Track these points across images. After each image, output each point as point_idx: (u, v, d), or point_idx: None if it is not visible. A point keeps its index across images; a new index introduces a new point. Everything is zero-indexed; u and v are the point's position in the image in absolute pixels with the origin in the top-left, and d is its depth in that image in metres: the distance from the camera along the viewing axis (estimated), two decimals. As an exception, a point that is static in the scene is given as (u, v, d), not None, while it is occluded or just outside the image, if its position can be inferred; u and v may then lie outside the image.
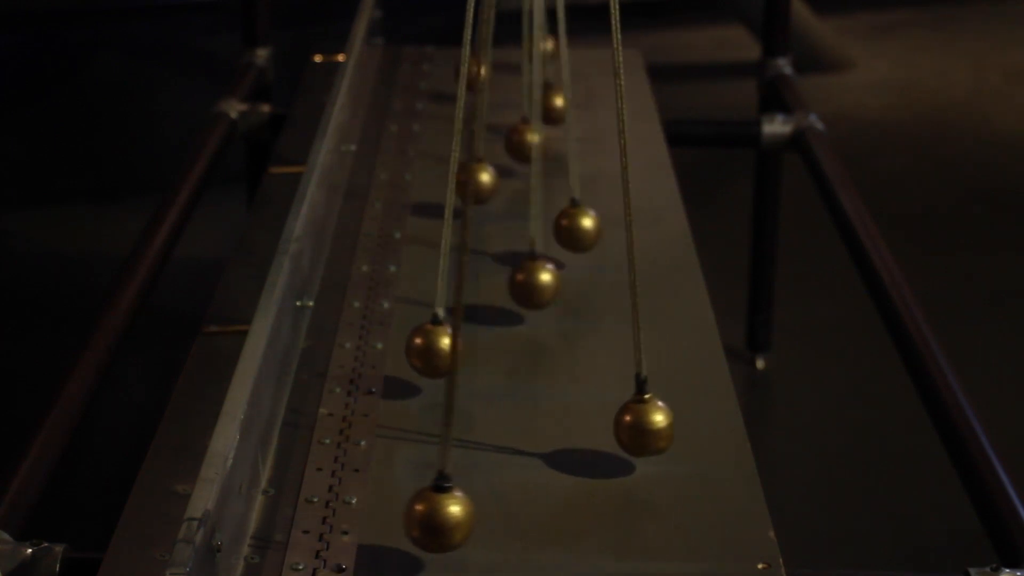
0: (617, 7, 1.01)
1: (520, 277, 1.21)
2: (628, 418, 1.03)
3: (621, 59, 1.01)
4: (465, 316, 1.23)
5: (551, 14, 1.35)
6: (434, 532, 0.90)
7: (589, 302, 1.28)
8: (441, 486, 0.90)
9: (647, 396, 1.04)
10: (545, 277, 1.21)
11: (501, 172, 1.45)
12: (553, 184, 1.39)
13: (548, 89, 1.54)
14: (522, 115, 1.47)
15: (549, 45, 1.66)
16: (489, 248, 1.35)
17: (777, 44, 2.10)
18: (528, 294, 1.22)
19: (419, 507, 0.90)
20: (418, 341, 1.11)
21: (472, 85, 1.49)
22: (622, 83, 1.01)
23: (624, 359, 1.06)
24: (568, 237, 1.30)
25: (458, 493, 0.90)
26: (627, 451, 1.04)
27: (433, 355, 1.11)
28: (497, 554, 0.95)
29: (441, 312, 1.11)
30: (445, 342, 1.10)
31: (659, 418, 1.03)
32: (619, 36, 1.02)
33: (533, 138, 1.41)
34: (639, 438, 1.03)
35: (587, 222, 1.29)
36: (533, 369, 1.20)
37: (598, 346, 1.22)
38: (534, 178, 1.24)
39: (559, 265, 1.29)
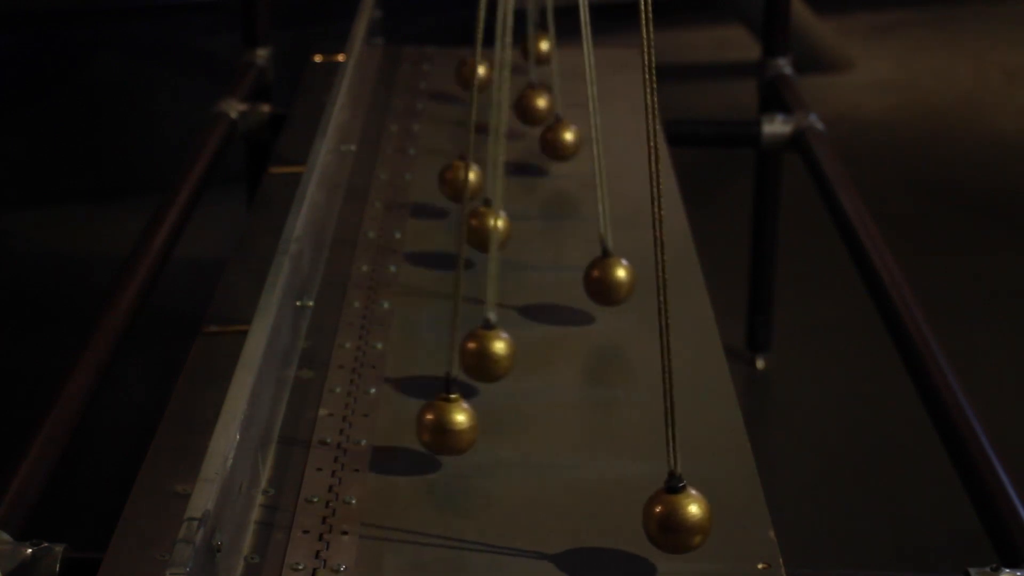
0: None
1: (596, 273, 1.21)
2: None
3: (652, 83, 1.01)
4: (464, 316, 1.23)
5: (543, 14, 1.35)
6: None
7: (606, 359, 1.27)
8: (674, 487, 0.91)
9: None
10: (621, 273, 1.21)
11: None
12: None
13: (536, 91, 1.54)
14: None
15: (544, 46, 1.67)
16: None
17: (777, 44, 2.10)
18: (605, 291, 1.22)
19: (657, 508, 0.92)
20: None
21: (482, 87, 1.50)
22: (653, 110, 1.01)
23: (634, 358, 1.06)
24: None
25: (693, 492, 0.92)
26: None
27: (487, 360, 1.10)
28: (492, 551, 0.95)
29: (492, 316, 1.10)
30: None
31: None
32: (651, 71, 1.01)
33: (568, 135, 1.42)
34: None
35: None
36: (544, 369, 1.19)
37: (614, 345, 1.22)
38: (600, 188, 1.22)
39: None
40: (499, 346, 1.11)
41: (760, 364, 2.21)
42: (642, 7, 0.92)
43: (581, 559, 0.95)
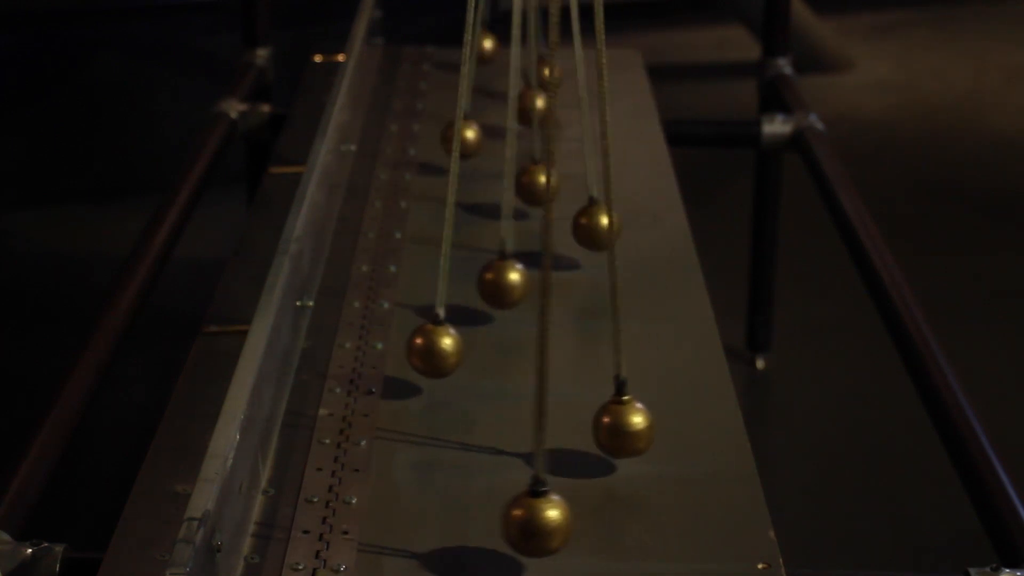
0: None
1: (489, 276, 1.22)
2: (607, 420, 1.03)
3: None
4: (466, 315, 1.23)
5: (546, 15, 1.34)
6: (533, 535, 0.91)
7: (594, 302, 1.28)
8: (537, 491, 0.91)
9: (625, 398, 1.03)
10: (513, 276, 1.21)
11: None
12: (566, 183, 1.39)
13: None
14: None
15: (488, 44, 1.66)
16: (491, 245, 1.35)
17: (777, 44, 2.10)
18: (497, 294, 1.22)
19: (517, 512, 0.91)
20: (419, 341, 1.11)
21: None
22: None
23: (632, 358, 1.06)
24: (586, 235, 1.30)
25: (555, 496, 0.91)
26: (606, 452, 1.04)
27: (434, 355, 1.11)
28: (494, 554, 0.95)
29: (442, 312, 1.11)
30: (446, 342, 1.10)
31: (638, 420, 1.03)
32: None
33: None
34: (618, 440, 1.03)
35: (606, 220, 1.28)
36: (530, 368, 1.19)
37: (598, 345, 1.22)
38: (507, 178, 1.22)
39: (573, 265, 1.29)
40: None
41: (760, 364, 2.21)
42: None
43: (581, 559, 0.95)
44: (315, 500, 1.00)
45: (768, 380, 2.21)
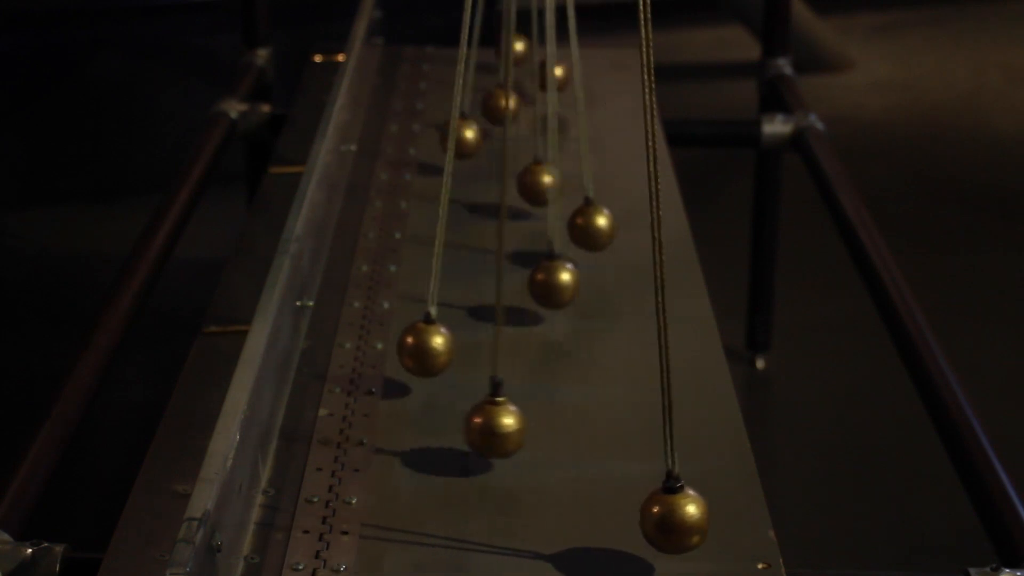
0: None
1: (540, 277, 1.21)
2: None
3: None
4: (467, 315, 1.23)
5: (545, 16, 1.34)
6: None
7: (602, 302, 1.28)
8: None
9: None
10: (565, 277, 1.21)
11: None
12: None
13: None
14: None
15: (520, 46, 1.66)
16: (491, 245, 1.35)
17: (777, 44, 2.10)
18: (548, 294, 1.21)
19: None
20: (410, 340, 1.11)
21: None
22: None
23: (634, 359, 1.06)
24: (583, 236, 1.30)
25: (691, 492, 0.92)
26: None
27: (425, 354, 1.11)
28: (494, 552, 0.95)
29: (433, 311, 1.10)
30: (437, 341, 1.10)
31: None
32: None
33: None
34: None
35: (602, 221, 1.29)
36: (544, 370, 1.19)
37: (612, 346, 1.22)
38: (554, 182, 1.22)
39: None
40: None
41: (760, 364, 2.21)
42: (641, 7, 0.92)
43: (580, 560, 0.95)
44: (315, 500, 1.00)
45: (768, 380, 2.21)
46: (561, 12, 1.31)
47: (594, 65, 1.75)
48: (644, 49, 0.89)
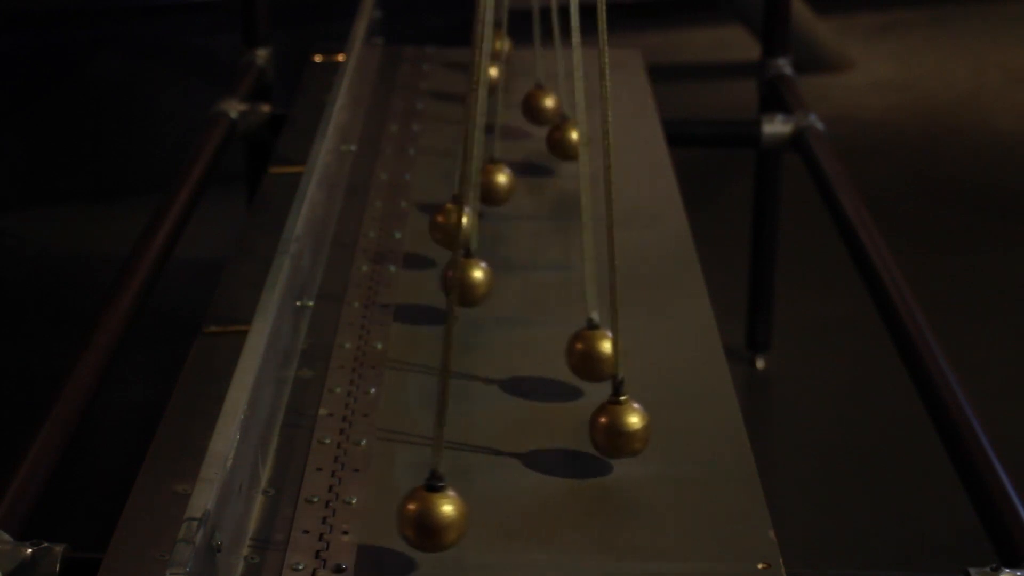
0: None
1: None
2: (604, 420, 1.03)
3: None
4: (463, 316, 1.23)
5: (544, 13, 1.35)
6: (428, 532, 0.90)
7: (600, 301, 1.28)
8: (434, 485, 0.90)
9: (623, 398, 1.03)
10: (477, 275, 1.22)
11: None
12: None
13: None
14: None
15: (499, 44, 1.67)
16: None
17: (777, 44, 2.10)
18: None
19: (411, 506, 0.90)
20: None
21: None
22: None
23: (633, 359, 1.06)
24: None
25: (451, 492, 0.91)
26: (603, 453, 1.04)
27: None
28: (494, 555, 0.95)
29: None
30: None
31: (634, 420, 1.02)
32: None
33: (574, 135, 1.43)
34: (614, 440, 1.03)
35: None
36: (532, 366, 1.20)
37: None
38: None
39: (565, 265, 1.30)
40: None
41: (760, 364, 2.21)
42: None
43: (581, 559, 0.95)
44: (315, 500, 1.00)
45: (768, 380, 2.21)
46: (559, 13, 1.31)
47: (594, 65, 1.75)
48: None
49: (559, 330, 1.14)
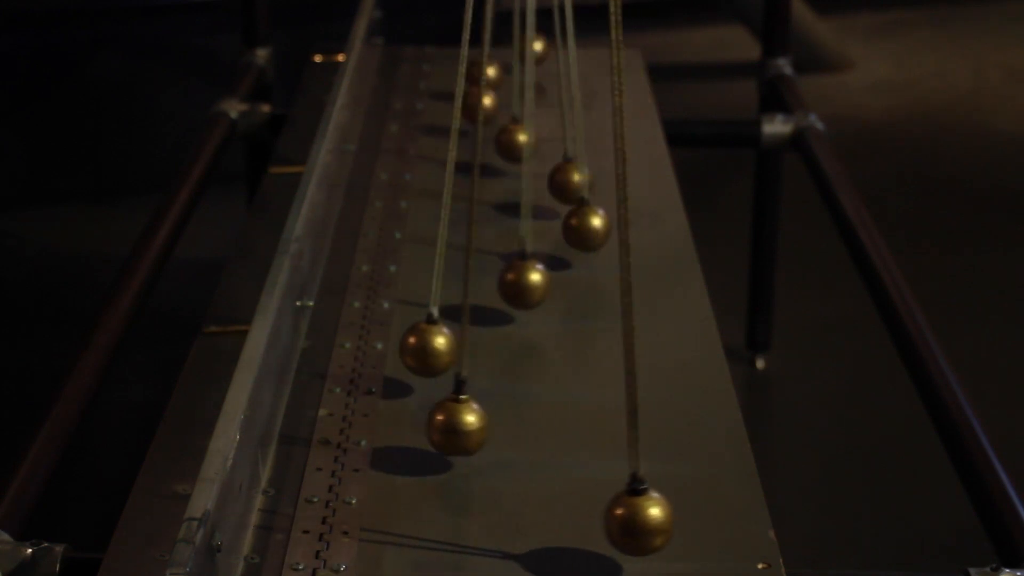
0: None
1: (510, 277, 1.22)
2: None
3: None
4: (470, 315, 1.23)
5: (545, 14, 1.35)
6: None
7: (593, 302, 1.28)
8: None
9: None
10: (535, 277, 1.21)
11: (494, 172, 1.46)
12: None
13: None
14: (511, 116, 1.48)
15: (539, 46, 1.67)
16: (486, 247, 1.35)
17: (777, 44, 2.10)
18: (518, 294, 1.22)
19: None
20: (412, 340, 1.11)
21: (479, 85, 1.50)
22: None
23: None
24: (577, 236, 1.31)
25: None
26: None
27: (427, 355, 1.11)
28: (496, 554, 0.95)
29: (435, 311, 1.10)
30: (440, 341, 1.10)
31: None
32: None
33: (523, 137, 1.42)
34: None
35: (596, 221, 1.31)
36: (530, 370, 1.20)
37: (600, 346, 1.22)
38: (524, 178, 1.23)
39: (563, 264, 1.30)
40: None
41: (760, 364, 2.21)
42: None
43: (581, 559, 0.95)
44: (315, 500, 1.00)
45: (768, 380, 2.21)
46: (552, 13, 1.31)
47: (594, 65, 1.75)
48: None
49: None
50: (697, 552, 0.95)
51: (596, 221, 1.31)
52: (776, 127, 1.95)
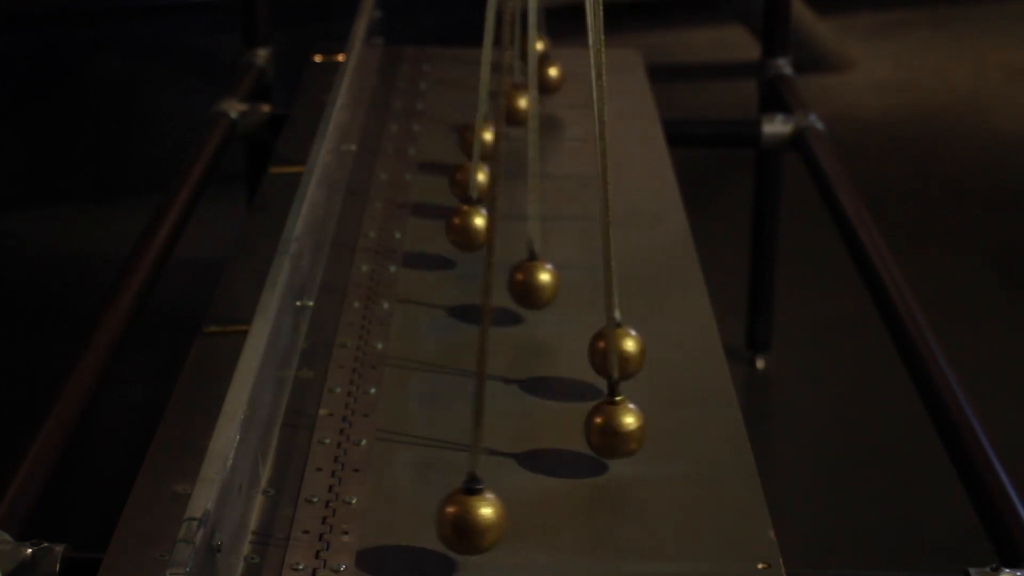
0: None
1: (519, 277, 1.21)
2: (599, 420, 1.03)
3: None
4: (465, 316, 1.23)
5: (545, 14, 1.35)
6: (465, 533, 0.90)
7: (586, 301, 1.28)
8: (472, 488, 0.90)
9: (618, 398, 1.03)
10: (544, 277, 1.21)
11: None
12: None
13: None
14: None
15: (540, 46, 1.67)
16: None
17: (777, 44, 2.10)
18: (527, 294, 1.22)
19: (451, 509, 0.90)
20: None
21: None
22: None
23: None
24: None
25: (489, 495, 0.90)
26: (597, 453, 1.04)
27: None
28: (493, 555, 0.95)
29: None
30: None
31: (629, 420, 1.02)
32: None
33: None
34: (610, 440, 1.03)
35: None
36: (526, 368, 1.20)
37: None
38: (531, 178, 1.23)
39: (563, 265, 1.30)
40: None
41: (760, 364, 2.21)
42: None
43: (580, 560, 0.95)
44: (315, 500, 1.00)
45: (768, 380, 2.21)
46: (555, 13, 1.31)
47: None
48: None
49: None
50: (697, 552, 0.96)
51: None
52: (776, 127, 1.95)
